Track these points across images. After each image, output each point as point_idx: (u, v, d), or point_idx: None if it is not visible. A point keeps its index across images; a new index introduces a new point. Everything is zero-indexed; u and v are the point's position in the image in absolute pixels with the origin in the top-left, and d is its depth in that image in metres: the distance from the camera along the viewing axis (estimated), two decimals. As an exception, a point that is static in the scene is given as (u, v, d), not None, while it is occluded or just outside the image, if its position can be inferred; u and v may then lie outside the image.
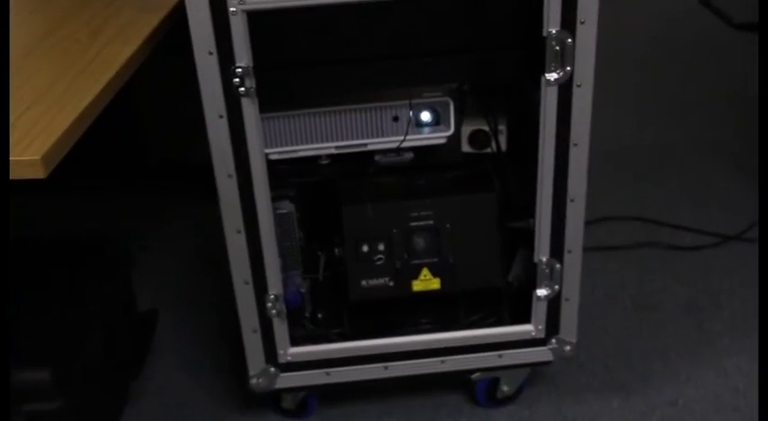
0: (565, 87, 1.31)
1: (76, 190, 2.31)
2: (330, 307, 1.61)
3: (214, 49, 1.23)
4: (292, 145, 1.49)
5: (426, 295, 1.55)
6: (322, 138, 1.49)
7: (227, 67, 1.25)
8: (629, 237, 2.14)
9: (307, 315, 1.59)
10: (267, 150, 1.47)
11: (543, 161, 1.38)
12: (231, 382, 1.74)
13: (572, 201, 1.41)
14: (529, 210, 1.48)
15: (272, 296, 1.44)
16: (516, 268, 1.57)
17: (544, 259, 1.46)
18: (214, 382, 1.77)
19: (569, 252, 1.46)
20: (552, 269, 1.47)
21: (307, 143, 1.49)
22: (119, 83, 1.21)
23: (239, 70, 1.25)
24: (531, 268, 1.50)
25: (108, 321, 1.55)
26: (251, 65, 1.25)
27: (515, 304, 1.58)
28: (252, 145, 1.31)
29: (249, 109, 1.28)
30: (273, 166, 1.49)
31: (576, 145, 1.36)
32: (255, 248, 1.40)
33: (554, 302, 1.50)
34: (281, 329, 1.47)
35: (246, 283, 1.43)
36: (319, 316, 1.64)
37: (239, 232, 1.38)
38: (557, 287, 1.49)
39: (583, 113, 1.34)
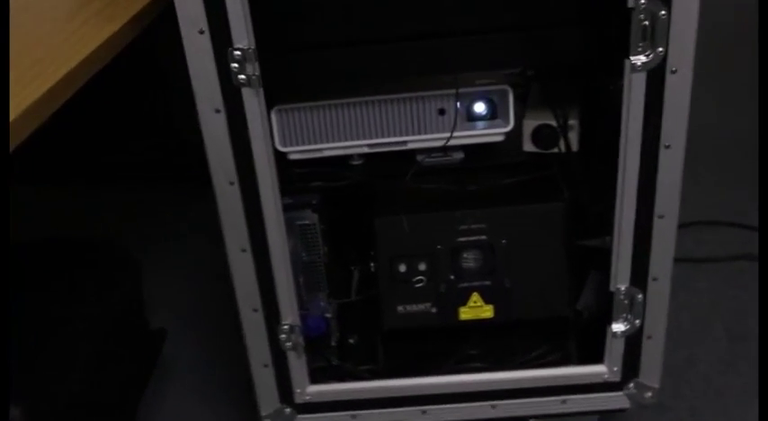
0: (656, 74, 1.02)
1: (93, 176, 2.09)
2: (361, 336, 1.35)
3: (206, 27, 0.98)
4: (316, 143, 1.23)
5: (476, 325, 1.28)
6: (352, 134, 1.23)
7: (223, 49, 0.99)
8: (721, 246, 1.83)
9: (333, 344, 1.33)
10: (285, 149, 1.22)
11: (625, 167, 1.09)
12: (248, 410, 1.50)
13: (661, 217, 1.12)
14: (605, 225, 1.19)
15: (285, 327, 1.19)
16: (587, 295, 1.29)
17: (623, 288, 1.18)
18: (230, 409, 1.53)
19: (655, 280, 1.17)
20: (632, 300, 1.18)
21: (333, 141, 1.23)
22: (89, 70, 0.97)
23: (238, 53, 0.99)
24: (605, 296, 1.22)
25: (101, 342, 1.32)
26: (253, 46, 0.99)
27: (585, 339, 1.30)
28: (257, 145, 1.06)
29: (252, 101, 1.02)
30: (293, 169, 1.24)
31: (668, 147, 1.07)
32: (265, 270, 1.14)
33: (633, 340, 1.21)
34: (297, 364, 1.22)
35: (255, 311, 1.18)
36: (351, 341, 1.39)
37: (244, 251, 1.13)
38: (637, 322, 1.20)
39: (679, 107, 1.05)
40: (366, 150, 1.24)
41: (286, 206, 1.22)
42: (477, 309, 1.27)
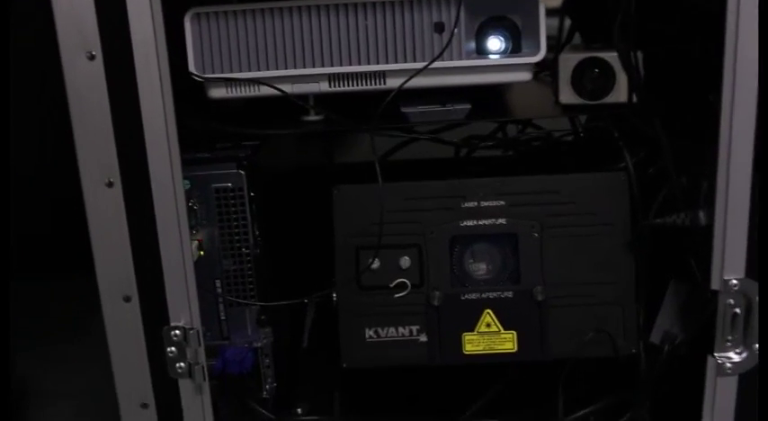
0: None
1: None
2: (310, 378, 0.88)
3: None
4: (248, 68, 0.81)
5: (490, 364, 0.81)
6: (304, 59, 0.81)
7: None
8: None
9: (265, 392, 0.85)
10: (203, 75, 0.81)
11: (736, 67, 0.67)
12: None
13: (795, 149, 0.69)
14: (691, 195, 0.76)
15: (176, 331, 0.71)
16: (666, 318, 0.82)
17: (734, 282, 0.71)
18: None
19: (787, 266, 0.71)
20: (749, 305, 0.72)
21: (275, 67, 0.81)
22: None
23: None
24: (699, 311, 0.75)
25: None
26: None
27: (666, 389, 0.81)
28: None
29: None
30: (218, 107, 0.83)
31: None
32: (144, 223, 0.69)
33: (753, 380, 0.73)
34: (196, 404, 0.74)
35: (127, 300, 0.71)
36: (298, 410, 0.90)
37: (110, 185, 0.69)
38: (756, 347, 0.73)
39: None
40: (325, 88, 0.83)
41: (199, 160, 0.80)
42: (491, 338, 0.81)
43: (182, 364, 0.72)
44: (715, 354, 0.73)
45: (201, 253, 0.81)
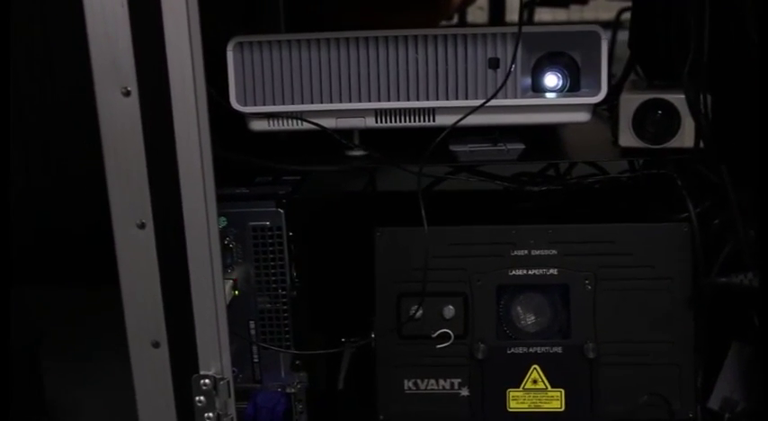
0: None
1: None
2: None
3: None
4: (292, 102, 0.78)
5: (536, 422, 0.76)
6: (350, 93, 0.78)
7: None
8: None
9: (296, 442, 0.81)
10: (244, 108, 0.78)
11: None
12: None
13: None
14: (760, 251, 0.70)
15: (206, 381, 0.68)
16: (727, 382, 0.77)
17: (804, 351, 0.66)
18: None
19: None
20: (821, 377, 0.66)
21: (319, 100, 0.78)
22: None
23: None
24: (760, 380, 0.70)
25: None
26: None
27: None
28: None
29: None
30: (256, 140, 0.80)
31: None
32: (176, 265, 0.66)
33: (821, 456, 0.68)
34: (223, 459, 0.70)
35: (156, 346, 0.68)
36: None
37: (142, 226, 0.65)
38: (829, 421, 0.67)
39: None
40: (371, 123, 0.79)
41: (237, 196, 0.77)
42: (537, 395, 0.76)
43: (210, 415, 0.68)
44: (781, 428, 0.68)
45: (236, 292, 0.78)
